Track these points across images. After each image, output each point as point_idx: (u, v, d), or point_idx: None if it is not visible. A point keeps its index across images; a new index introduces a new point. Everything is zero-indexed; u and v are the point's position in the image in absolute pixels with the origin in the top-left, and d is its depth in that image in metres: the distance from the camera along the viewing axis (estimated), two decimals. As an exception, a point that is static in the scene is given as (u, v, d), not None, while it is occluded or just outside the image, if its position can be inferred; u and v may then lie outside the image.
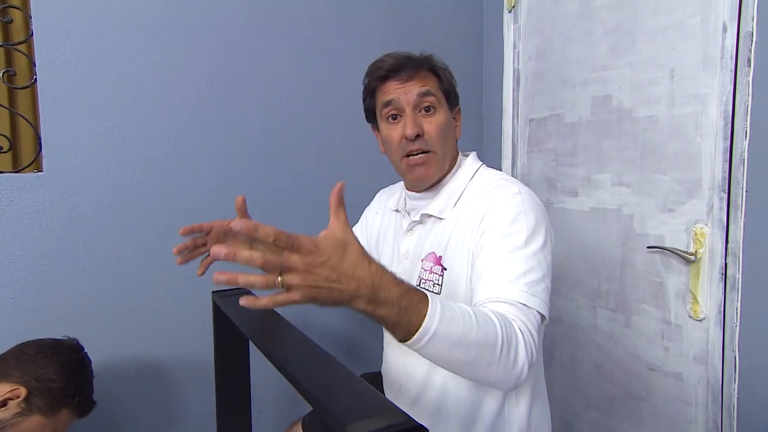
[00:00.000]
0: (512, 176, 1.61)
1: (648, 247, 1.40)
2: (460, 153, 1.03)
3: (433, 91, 0.93)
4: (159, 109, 1.41)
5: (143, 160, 1.41)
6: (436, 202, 0.98)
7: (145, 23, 1.39)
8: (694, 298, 1.31)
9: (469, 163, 1.00)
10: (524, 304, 0.76)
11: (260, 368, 1.06)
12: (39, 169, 1.33)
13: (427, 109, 0.93)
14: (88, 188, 1.35)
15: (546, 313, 0.79)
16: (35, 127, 1.33)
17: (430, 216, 0.98)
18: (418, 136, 0.92)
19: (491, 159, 1.95)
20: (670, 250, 1.35)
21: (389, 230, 1.11)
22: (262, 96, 1.55)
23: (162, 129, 1.42)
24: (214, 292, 1.04)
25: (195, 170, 1.47)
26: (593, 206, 1.57)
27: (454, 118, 1.00)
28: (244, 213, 0.82)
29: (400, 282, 0.64)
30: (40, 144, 1.32)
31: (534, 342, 0.74)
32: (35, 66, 1.31)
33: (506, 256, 0.81)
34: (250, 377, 1.08)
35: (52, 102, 1.30)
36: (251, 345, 0.93)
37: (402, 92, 0.93)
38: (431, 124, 0.93)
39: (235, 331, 0.87)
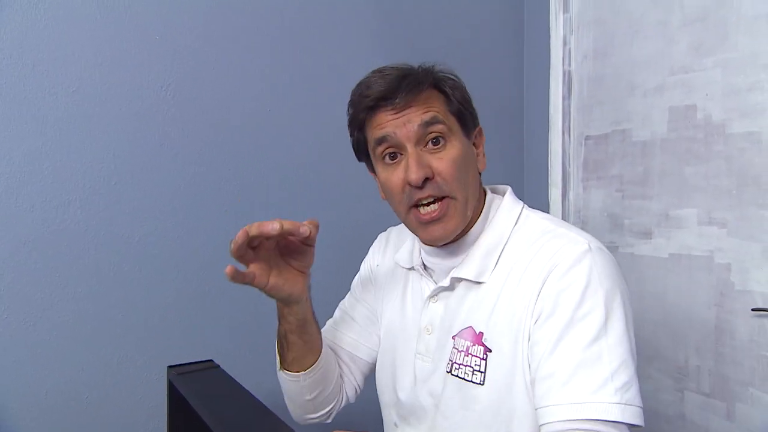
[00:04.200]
0: (563, 214, 1.81)
1: (753, 310, 1.34)
2: (487, 190, 0.98)
3: (440, 116, 0.89)
4: (102, 124, 1.35)
5: (80, 192, 1.33)
6: (471, 262, 0.93)
7: (86, 13, 1.31)
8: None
9: (508, 206, 0.96)
10: (617, 422, 0.74)
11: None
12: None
13: (435, 141, 0.89)
14: (1, 229, 1.26)
15: (643, 422, 0.76)
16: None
17: (463, 280, 0.93)
18: (426, 179, 0.88)
19: (535, 189, 1.90)
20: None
21: (403, 291, 1.06)
22: (238, 108, 1.49)
23: (106, 151, 1.36)
24: (170, 367, 1.00)
25: (149, 206, 1.40)
26: (674, 252, 1.54)
27: (474, 144, 0.96)
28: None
29: None
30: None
31: None
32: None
33: (582, 353, 0.77)
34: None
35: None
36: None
37: (398, 124, 0.89)
38: (443, 161, 0.89)
39: (194, 418, 0.86)
